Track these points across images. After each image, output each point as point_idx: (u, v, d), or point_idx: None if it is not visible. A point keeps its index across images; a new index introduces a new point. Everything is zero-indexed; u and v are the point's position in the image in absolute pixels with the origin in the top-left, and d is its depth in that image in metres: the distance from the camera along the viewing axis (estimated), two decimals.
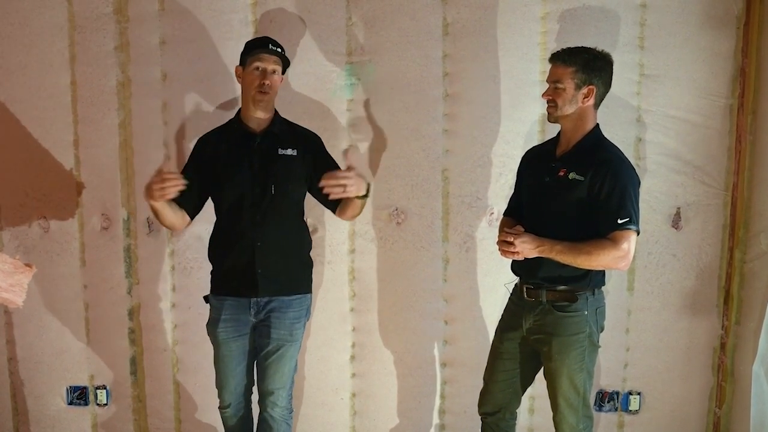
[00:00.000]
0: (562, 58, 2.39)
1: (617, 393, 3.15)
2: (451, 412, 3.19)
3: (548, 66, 2.49)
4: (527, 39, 2.90)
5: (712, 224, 3.00)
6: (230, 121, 2.71)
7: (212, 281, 2.71)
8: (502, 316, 2.69)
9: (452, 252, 3.06)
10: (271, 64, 2.56)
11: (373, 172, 3.05)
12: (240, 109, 2.67)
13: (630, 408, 3.15)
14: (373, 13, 2.95)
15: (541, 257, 2.38)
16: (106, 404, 3.30)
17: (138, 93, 3.05)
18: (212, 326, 2.68)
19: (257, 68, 2.55)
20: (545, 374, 2.56)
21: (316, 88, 2.99)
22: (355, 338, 3.19)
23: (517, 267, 2.56)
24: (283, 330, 2.63)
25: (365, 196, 2.48)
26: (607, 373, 3.13)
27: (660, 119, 2.93)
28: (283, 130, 2.66)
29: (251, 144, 2.60)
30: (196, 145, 2.73)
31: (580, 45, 2.46)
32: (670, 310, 3.06)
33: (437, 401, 3.21)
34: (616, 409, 3.16)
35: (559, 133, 2.53)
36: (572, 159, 2.41)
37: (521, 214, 2.59)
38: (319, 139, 2.75)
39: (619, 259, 2.33)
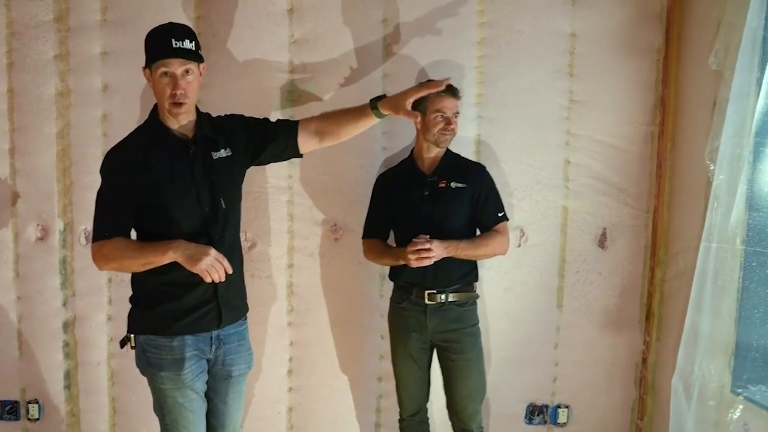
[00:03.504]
0: (455, 92, 2.67)
1: (546, 406, 3.19)
2: (386, 425, 3.16)
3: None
4: (465, 62, 2.95)
5: (635, 244, 3.08)
6: (148, 126, 2.27)
7: (157, 320, 2.24)
8: (395, 323, 2.82)
9: (388, 268, 3.03)
10: (180, 66, 2.13)
11: (313, 188, 3.04)
12: (156, 112, 2.26)
13: (558, 421, 3.19)
14: (316, 32, 2.95)
15: (439, 262, 2.57)
16: (38, 419, 3.16)
17: (77, 103, 2.96)
18: (174, 369, 2.22)
19: (165, 74, 2.13)
20: (453, 372, 2.72)
21: (258, 104, 2.93)
22: (292, 352, 3.15)
23: (419, 275, 2.65)
24: (243, 364, 2.42)
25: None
26: (537, 388, 3.17)
27: (587, 143, 3.01)
28: (212, 129, 2.29)
29: (186, 153, 2.21)
30: (109, 161, 2.22)
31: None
32: (595, 326, 3.13)
33: (373, 415, 3.19)
34: (545, 422, 3.19)
35: (411, 155, 2.81)
36: (446, 172, 2.72)
37: (386, 234, 2.84)
38: (239, 115, 2.44)
39: (505, 245, 2.77)
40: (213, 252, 2.11)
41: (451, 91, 2.65)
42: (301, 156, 2.50)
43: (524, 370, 3.14)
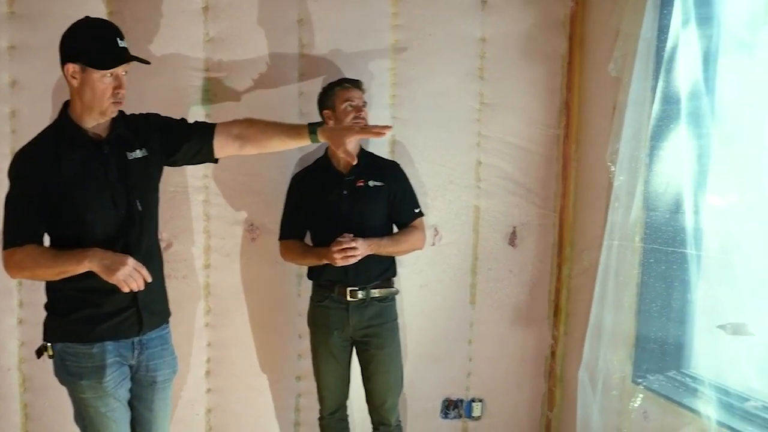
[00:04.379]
0: (358, 84, 2.76)
1: (461, 401, 3.27)
2: (306, 424, 3.18)
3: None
4: (378, 64, 3.00)
5: (543, 242, 3.20)
6: (58, 125, 2.17)
7: (75, 327, 2.16)
8: (317, 322, 2.84)
9: (305, 267, 3.02)
10: (123, 67, 2.10)
11: (230, 188, 3.03)
12: (67, 111, 2.16)
13: (473, 414, 3.28)
14: (231, 31, 2.93)
15: (360, 259, 2.61)
16: None
17: None
18: (95, 377, 2.13)
19: (110, 75, 2.07)
20: (374, 367, 2.79)
21: (173, 102, 2.86)
22: (210, 353, 3.11)
23: (340, 272, 2.69)
24: (168, 369, 2.35)
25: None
26: (452, 383, 3.25)
27: (497, 144, 3.11)
28: (127, 128, 2.22)
29: (100, 153, 2.13)
30: (18, 163, 2.13)
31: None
32: (507, 321, 3.23)
33: (293, 414, 3.20)
34: (460, 416, 3.27)
35: (326, 154, 2.84)
36: (363, 171, 2.74)
37: (303, 234, 2.86)
38: (154, 115, 2.36)
39: (422, 239, 2.85)
40: (131, 261, 2.03)
41: (355, 84, 2.75)
42: (215, 161, 2.41)
43: (439, 365, 3.21)
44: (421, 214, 2.85)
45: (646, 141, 2.59)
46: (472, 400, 3.27)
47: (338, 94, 2.71)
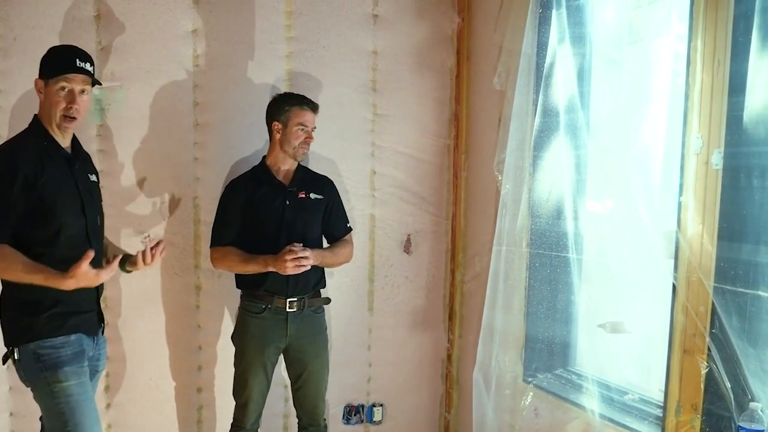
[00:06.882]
0: (315, 107, 2.77)
1: (362, 406, 3.31)
2: None
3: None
4: (273, 75, 3.02)
5: (436, 249, 3.29)
6: (39, 134, 2.25)
7: (51, 322, 2.20)
8: (251, 334, 2.78)
9: (204, 278, 3.04)
10: (80, 84, 2.22)
11: (126, 199, 2.95)
12: (39, 123, 2.26)
13: (374, 419, 3.33)
14: (124, 39, 2.86)
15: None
16: None
17: None
18: (76, 362, 2.23)
19: (63, 89, 2.20)
20: (309, 376, 2.83)
21: None
22: (108, 368, 2.99)
23: (281, 283, 2.70)
24: (104, 358, 2.50)
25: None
26: (353, 388, 3.28)
27: (391, 154, 3.18)
28: (84, 152, 2.43)
29: (72, 168, 2.29)
30: (8, 156, 2.18)
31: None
32: (404, 326, 3.30)
33: (195, 427, 3.14)
34: (362, 421, 3.32)
35: (264, 164, 2.82)
36: (302, 183, 2.82)
37: (239, 241, 2.77)
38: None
39: (352, 253, 2.95)
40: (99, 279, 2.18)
41: (313, 108, 2.77)
42: None
43: (341, 372, 3.22)
44: (351, 229, 2.94)
45: (530, 151, 2.69)
46: (373, 405, 3.32)
47: (295, 112, 2.72)
